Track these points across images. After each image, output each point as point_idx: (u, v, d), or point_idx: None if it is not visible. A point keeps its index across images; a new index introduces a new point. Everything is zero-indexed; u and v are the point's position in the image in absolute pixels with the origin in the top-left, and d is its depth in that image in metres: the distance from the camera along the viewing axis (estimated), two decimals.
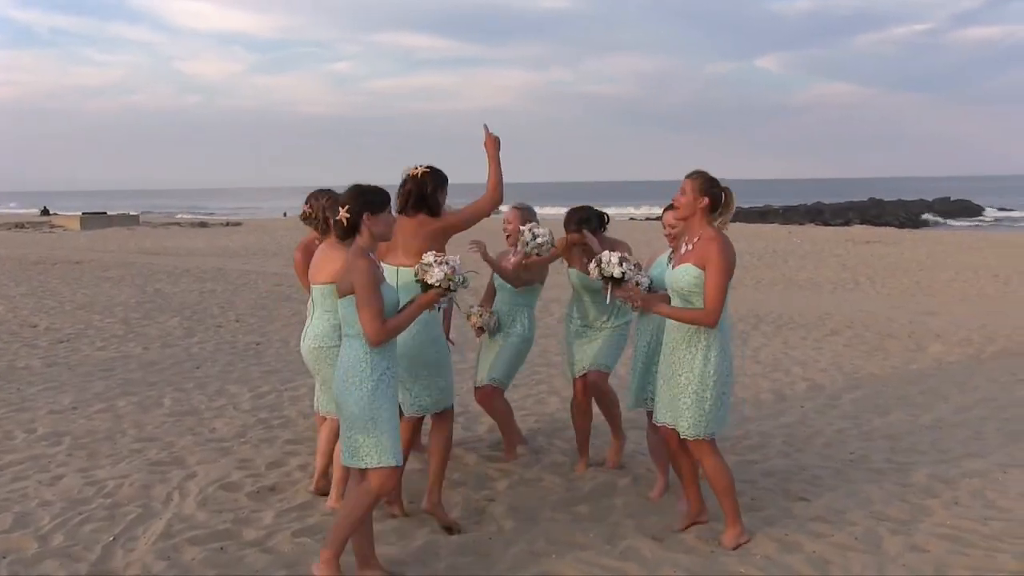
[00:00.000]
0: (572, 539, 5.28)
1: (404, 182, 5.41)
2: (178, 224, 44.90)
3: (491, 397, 6.53)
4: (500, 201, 5.38)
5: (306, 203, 5.81)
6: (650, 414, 5.89)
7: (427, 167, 5.39)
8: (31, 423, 7.78)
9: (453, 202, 5.62)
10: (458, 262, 4.50)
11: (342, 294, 4.42)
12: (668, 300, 5.17)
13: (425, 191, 5.34)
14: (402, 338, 4.98)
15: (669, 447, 5.31)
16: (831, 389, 9.26)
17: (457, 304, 6.36)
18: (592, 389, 6.35)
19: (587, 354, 6.31)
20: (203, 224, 44.25)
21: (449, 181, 5.48)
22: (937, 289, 17.88)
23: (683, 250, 5.09)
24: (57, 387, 9.16)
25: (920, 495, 6.03)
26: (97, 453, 6.97)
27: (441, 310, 4.92)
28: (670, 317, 5.04)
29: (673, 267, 5.13)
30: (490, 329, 6.41)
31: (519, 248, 6.16)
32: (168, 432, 7.57)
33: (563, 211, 6.45)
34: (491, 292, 6.63)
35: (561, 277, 6.81)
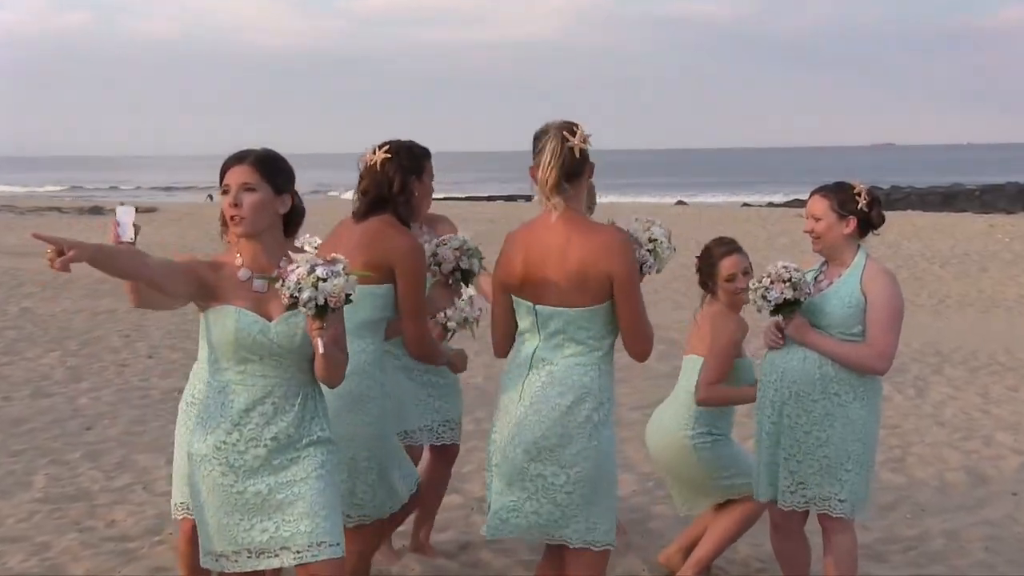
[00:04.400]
0: None
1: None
2: (58, 209, 45.32)
3: None
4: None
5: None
6: (773, 508, 5.88)
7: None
8: None
9: (470, 176, 5.67)
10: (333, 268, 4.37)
11: None
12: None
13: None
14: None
15: (783, 533, 5.91)
16: None
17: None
18: None
19: None
20: (96, 210, 44.61)
21: (473, 150, 5.54)
22: None
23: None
24: None
25: None
26: None
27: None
28: (831, 354, 5.57)
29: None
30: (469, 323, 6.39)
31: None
32: (41, 527, 7.59)
33: (623, 201, 6.40)
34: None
35: None
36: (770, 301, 5.54)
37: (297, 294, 4.24)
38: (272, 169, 4.52)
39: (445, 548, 7.17)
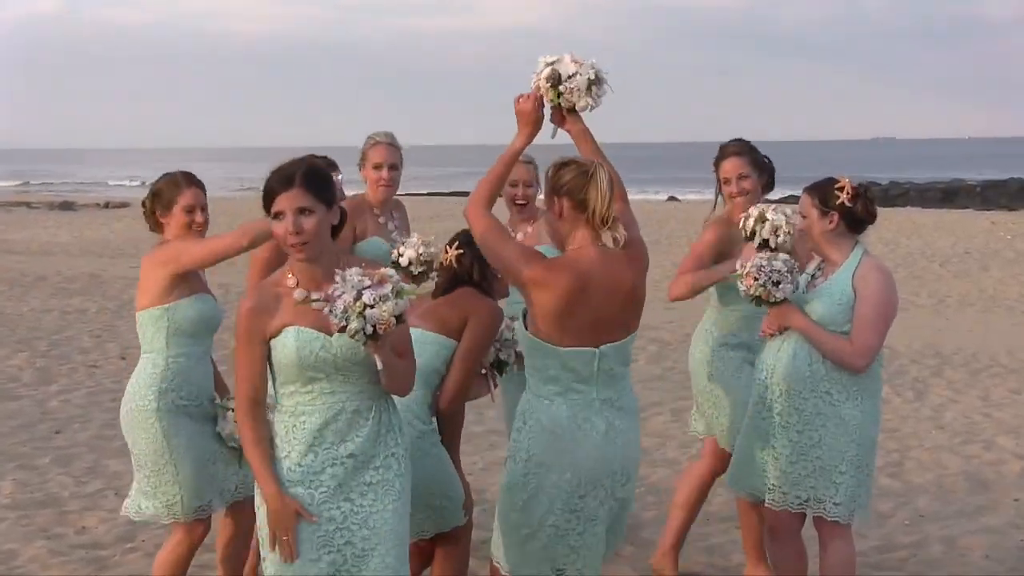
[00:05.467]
0: None
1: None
2: (26, 204, 45.22)
3: None
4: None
5: None
6: (769, 512, 5.89)
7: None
8: None
9: (467, 170, 5.67)
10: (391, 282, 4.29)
11: None
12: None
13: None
14: None
15: (779, 538, 5.85)
16: None
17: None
18: None
19: None
20: (68, 205, 44.54)
21: (459, 143, 5.59)
22: None
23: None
24: None
25: None
26: None
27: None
28: (812, 340, 5.60)
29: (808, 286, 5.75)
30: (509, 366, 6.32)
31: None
32: (8, 534, 7.60)
33: None
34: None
35: None
36: (742, 291, 5.66)
37: (345, 323, 4.19)
38: (321, 185, 4.46)
39: None
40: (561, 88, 5.19)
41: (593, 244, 4.84)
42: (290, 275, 4.49)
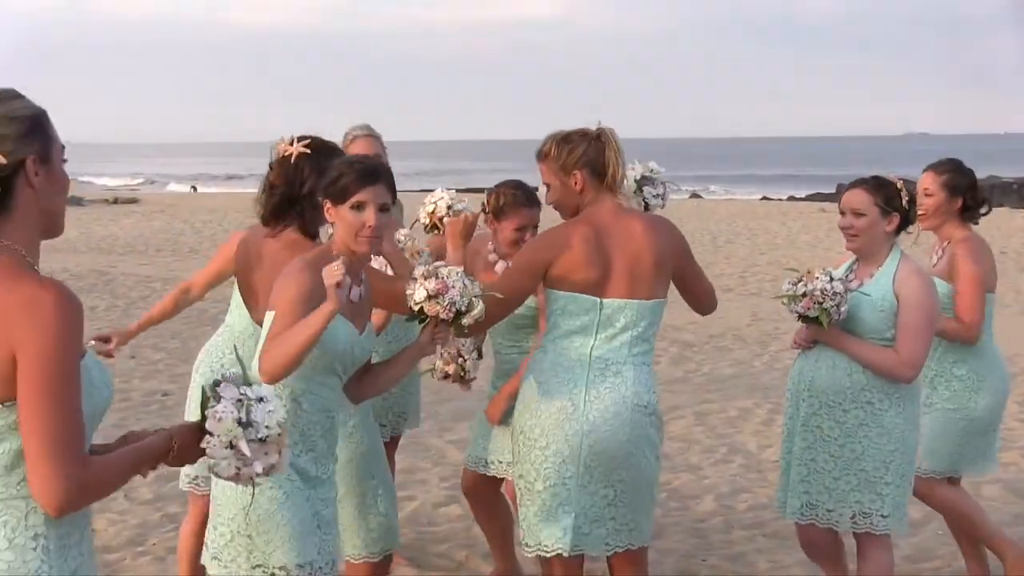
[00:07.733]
0: None
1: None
2: None
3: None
4: None
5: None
6: (802, 527, 5.84)
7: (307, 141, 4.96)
8: None
9: (475, 166, 5.65)
10: (461, 276, 4.51)
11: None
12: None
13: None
14: None
15: (815, 546, 5.81)
16: None
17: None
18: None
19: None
20: (75, 200, 44.63)
21: (464, 138, 5.51)
22: None
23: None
24: None
25: None
26: None
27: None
28: (857, 357, 5.53)
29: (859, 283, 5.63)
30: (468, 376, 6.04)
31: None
32: None
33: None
34: None
35: None
36: (794, 309, 5.55)
37: (464, 308, 4.44)
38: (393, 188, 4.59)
39: (442, 564, 7.22)
40: None
41: (610, 202, 5.00)
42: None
